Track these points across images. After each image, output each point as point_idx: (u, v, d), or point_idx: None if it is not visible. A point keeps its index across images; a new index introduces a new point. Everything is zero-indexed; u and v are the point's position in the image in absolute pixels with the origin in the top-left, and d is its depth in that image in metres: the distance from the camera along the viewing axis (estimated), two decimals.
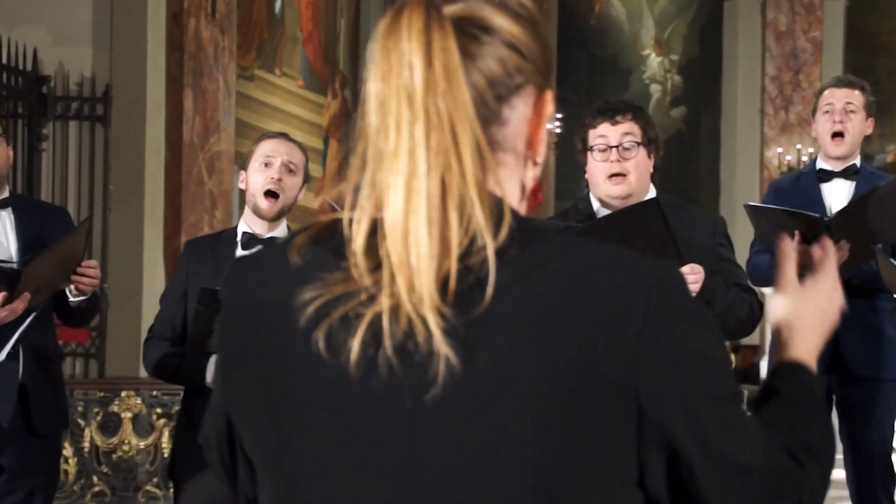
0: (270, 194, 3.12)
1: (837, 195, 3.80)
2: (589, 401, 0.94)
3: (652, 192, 2.99)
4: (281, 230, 3.24)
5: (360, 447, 0.95)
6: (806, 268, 1.13)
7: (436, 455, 0.94)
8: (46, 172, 7.13)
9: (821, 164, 3.86)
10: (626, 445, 0.96)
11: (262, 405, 0.99)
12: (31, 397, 3.32)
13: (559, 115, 9.22)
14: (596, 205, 2.99)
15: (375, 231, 0.96)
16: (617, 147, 2.91)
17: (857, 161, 3.84)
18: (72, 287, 3.30)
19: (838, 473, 3.96)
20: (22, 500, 3.34)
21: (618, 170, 2.91)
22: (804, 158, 10.53)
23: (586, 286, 0.95)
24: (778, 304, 1.14)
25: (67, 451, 5.59)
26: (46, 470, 3.41)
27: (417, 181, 0.94)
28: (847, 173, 3.82)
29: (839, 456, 3.84)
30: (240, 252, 3.18)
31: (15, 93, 6.93)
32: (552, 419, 0.93)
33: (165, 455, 5.68)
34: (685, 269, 2.80)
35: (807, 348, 1.13)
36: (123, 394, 5.76)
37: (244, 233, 3.22)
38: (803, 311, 1.14)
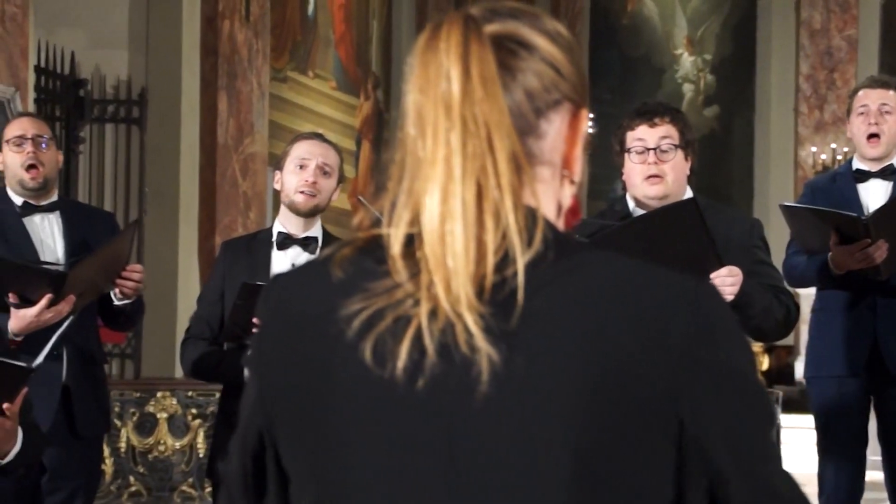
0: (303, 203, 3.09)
1: (874, 195, 3.77)
2: (627, 413, 0.95)
3: (688, 195, 3.00)
4: (316, 230, 3.26)
5: (402, 451, 0.96)
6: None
7: (475, 456, 0.95)
8: (83, 174, 7.20)
9: (857, 164, 3.84)
10: (663, 460, 0.96)
11: (305, 418, 1.00)
12: (74, 399, 3.36)
13: (591, 115, 9.23)
14: (632, 206, 3.00)
15: (413, 238, 0.98)
16: (654, 149, 2.93)
17: (895, 161, 3.82)
18: (116, 290, 3.34)
19: (876, 475, 3.94)
20: (63, 501, 3.38)
21: (655, 171, 2.93)
22: (839, 157, 10.45)
23: (626, 299, 0.97)
24: None
25: (104, 451, 5.64)
26: (88, 471, 3.44)
27: (453, 186, 0.96)
28: (884, 173, 3.79)
29: (876, 457, 3.81)
30: (275, 252, 3.21)
31: (53, 96, 7.01)
32: (590, 425, 0.94)
33: (201, 455, 5.72)
34: (723, 270, 2.80)
35: None
36: (159, 394, 5.80)
37: (279, 233, 3.24)
38: None
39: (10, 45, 5.73)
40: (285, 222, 3.25)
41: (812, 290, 3.88)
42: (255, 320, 3.04)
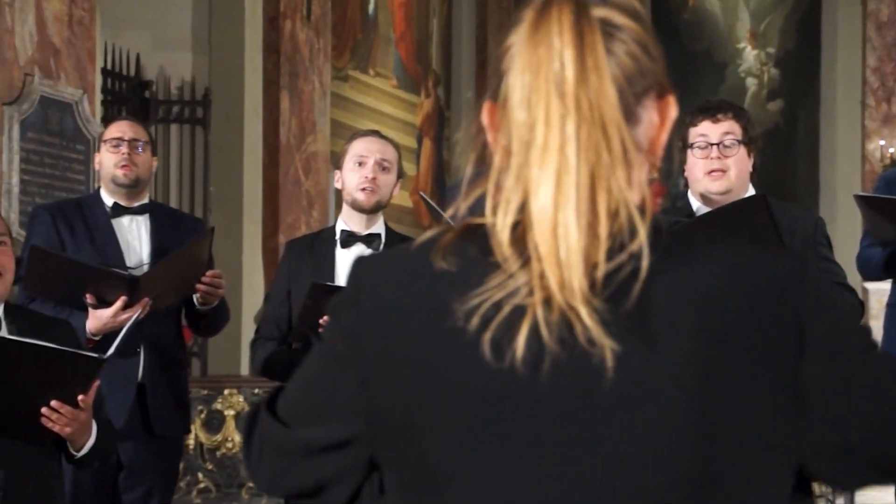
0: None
1: None
2: (749, 393, 0.95)
3: (751, 191, 3.01)
4: (378, 227, 3.28)
5: (526, 442, 0.95)
6: None
7: (601, 444, 0.95)
8: None
9: None
10: (786, 437, 0.97)
11: (410, 409, 0.98)
12: (149, 398, 3.40)
13: None
14: (696, 204, 3.00)
15: (520, 225, 0.96)
16: (717, 145, 2.95)
17: None
18: (198, 296, 3.39)
19: None
20: (140, 497, 3.43)
21: (718, 166, 2.94)
22: None
23: (737, 280, 0.97)
24: None
25: None
26: (164, 471, 3.49)
27: (568, 175, 0.95)
28: None
29: None
30: (339, 250, 3.24)
31: (119, 97, 7.11)
32: (713, 408, 0.95)
33: None
34: None
35: None
36: (226, 392, 5.87)
37: (343, 231, 3.27)
38: None
39: (77, 49, 5.83)
40: (348, 220, 3.27)
41: (884, 285, 3.82)
42: (325, 318, 3.09)
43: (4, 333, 2.70)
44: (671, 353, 0.95)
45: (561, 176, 0.95)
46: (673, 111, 1.03)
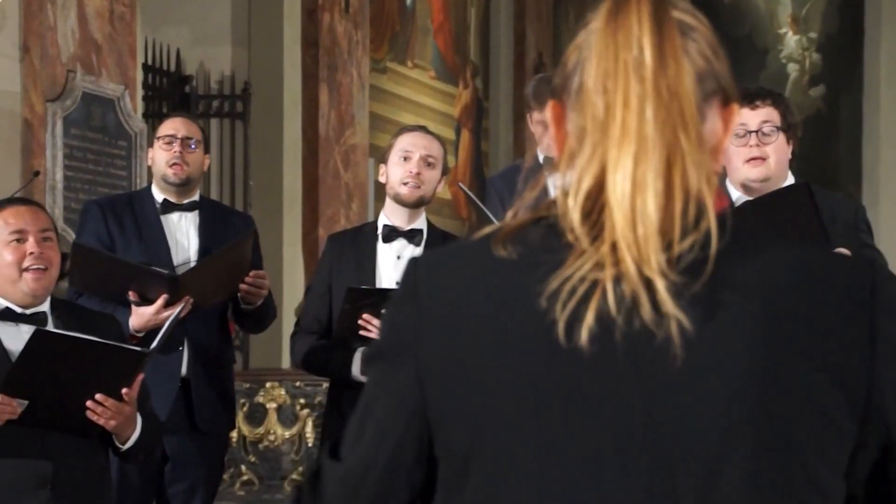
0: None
1: None
2: (812, 383, 0.96)
3: (790, 178, 2.99)
4: (421, 222, 3.28)
5: (598, 418, 0.97)
6: None
7: (671, 419, 0.96)
8: None
9: None
10: (845, 434, 0.97)
11: (473, 396, 0.99)
12: (193, 393, 3.43)
13: None
14: (735, 194, 2.98)
15: (592, 206, 0.98)
16: (756, 132, 2.92)
17: None
18: (240, 295, 3.42)
19: None
20: (185, 490, 3.46)
21: (757, 153, 2.92)
22: None
23: (807, 276, 0.98)
24: None
25: None
26: (209, 464, 3.52)
27: (646, 155, 0.96)
28: None
29: None
30: (381, 245, 3.25)
31: (160, 93, 7.16)
32: (775, 394, 0.96)
33: (310, 444, 5.81)
34: None
35: None
36: (268, 385, 5.90)
37: (385, 225, 3.27)
38: None
39: (119, 45, 5.87)
40: (390, 215, 3.28)
41: None
42: (363, 320, 3.09)
43: (51, 328, 2.74)
44: (738, 335, 0.96)
45: (639, 156, 0.96)
46: (734, 120, 1.05)
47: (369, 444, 1.04)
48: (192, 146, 3.50)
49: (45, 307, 2.79)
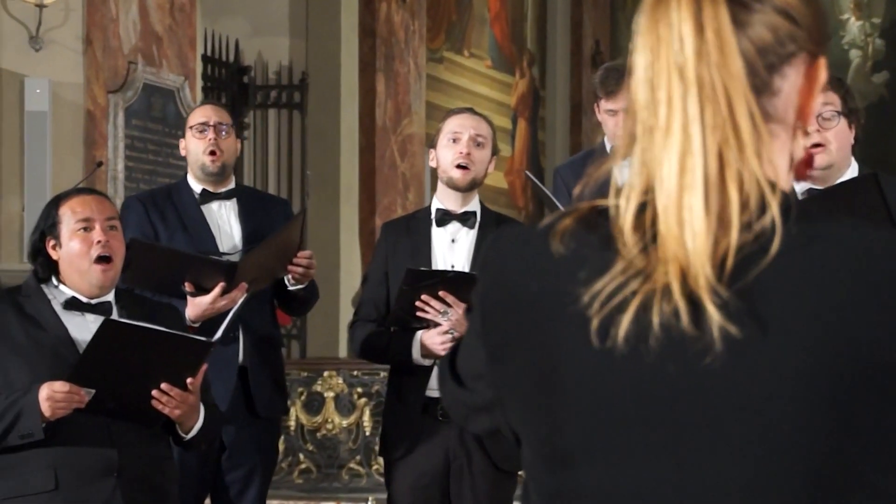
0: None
1: None
2: (868, 391, 0.92)
3: (853, 164, 2.95)
4: (474, 205, 3.28)
5: (631, 426, 0.95)
6: None
7: (705, 432, 0.93)
8: (248, 159, 7.41)
9: None
10: None
11: (533, 392, 0.99)
12: (251, 380, 3.45)
13: None
14: (799, 188, 2.94)
15: (644, 209, 0.95)
16: (817, 118, 2.86)
17: None
18: (289, 276, 3.43)
19: None
20: (243, 477, 3.49)
21: (818, 139, 2.87)
22: None
23: (867, 271, 0.93)
24: None
25: None
26: (265, 450, 3.55)
27: (692, 158, 0.92)
28: None
29: None
30: (435, 229, 3.25)
31: (219, 83, 7.22)
32: (829, 402, 0.92)
33: (367, 433, 5.83)
34: None
35: None
36: (326, 373, 5.93)
37: (438, 209, 3.27)
38: None
39: (179, 36, 5.93)
40: (443, 199, 3.28)
41: None
42: (421, 301, 3.11)
43: (115, 317, 2.77)
44: (788, 345, 0.92)
45: (685, 158, 0.92)
46: (822, 75, 0.99)
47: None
48: (224, 132, 3.50)
49: (110, 297, 2.82)
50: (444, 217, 3.26)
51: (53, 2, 5.25)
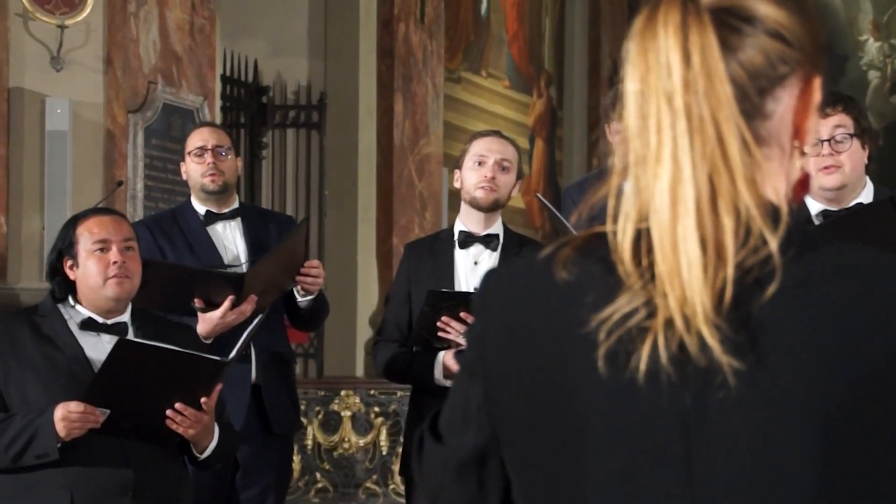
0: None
1: None
2: (879, 417, 0.91)
3: (868, 185, 2.95)
4: (497, 227, 3.29)
5: (641, 460, 0.94)
6: None
7: (715, 465, 0.92)
8: (266, 179, 7.44)
9: None
10: None
11: (537, 421, 0.98)
12: (266, 397, 3.46)
13: None
14: (814, 209, 2.93)
15: (641, 238, 0.94)
16: (829, 140, 2.86)
17: None
18: (298, 288, 3.44)
19: None
20: (257, 496, 3.50)
21: (831, 162, 2.88)
22: None
23: (872, 296, 0.91)
24: None
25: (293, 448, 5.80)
26: (279, 468, 3.56)
27: (683, 187, 0.91)
28: None
29: None
30: (458, 251, 3.26)
31: (238, 104, 7.26)
32: (839, 433, 0.91)
33: (384, 453, 5.83)
34: None
35: None
36: (343, 393, 5.94)
37: (461, 231, 3.29)
38: None
39: (198, 56, 5.97)
40: (466, 221, 3.29)
41: None
42: (442, 322, 3.11)
43: (131, 337, 2.78)
44: (795, 376, 0.91)
45: (676, 187, 0.91)
46: (816, 95, 0.97)
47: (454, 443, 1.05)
48: (224, 153, 3.52)
49: (126, 317, 2.83)
50: (467, 239, 3.27)
51: (75, 23, 5.30)
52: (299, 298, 3.46)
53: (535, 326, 0.98)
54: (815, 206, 2.95)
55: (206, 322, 3.28)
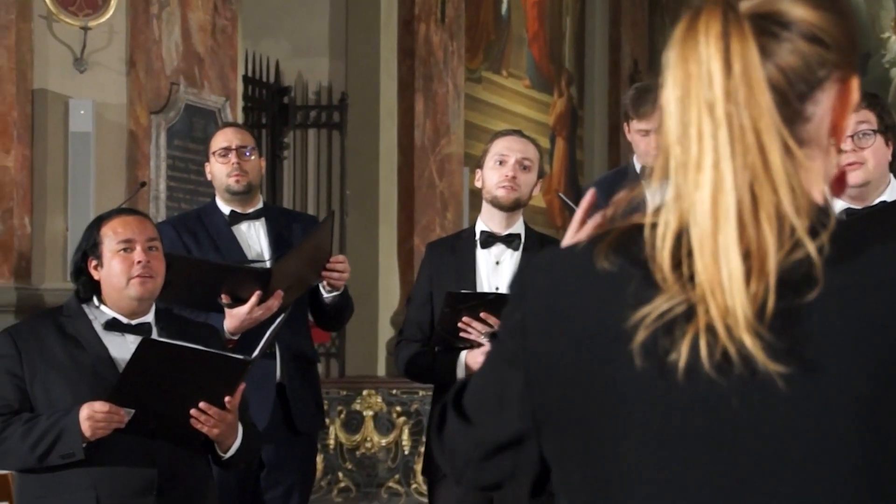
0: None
1: None
2: None
3: (893, 182, 2.93)
4: (518, 227, 3.29)
5: (682, 459, 0.94)
6: None
7: (762, 467, 0.92)
8: (288, 179, 7.46)
9: None
10: None
11: (577, 410, 0.98)
12: (290, 396, 3.47)
13: None
14: (837, 207, 2.91)
15: (680, 243, 0.94)
16: (852, 136, 2.85)
17: None
18: (324, 283, 3.45)
19: None
20: (282, 495, 3.51)
21: (854, 158, 2.86)
22: None
23: None
24: None
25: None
26: (304, 467, 3.57)
27: (724, 196, 0.91)
28: None
29: None
30: (479, 251, 3.26)
31: (259, 104, 7.28)
32: (884, 436, 0.90)
33: (406, 452, 5.84)
34: None
35: None
36: (364, 392, 5.95)
37: (482, 231, 3.29)
38: None
39: (220, 57, 5.99)
40: (488, 220, 3.29)
41: None
42: (463, 322, 3.12)
43: (155, 337, 2.79)
44: (839, 382, 0.91)
45: (717, 195, 0.92)
46: (854, 95, 0.98)
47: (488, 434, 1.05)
48: (248, 153, 3.54)
49: (150, 317, 2.85)
50: (489, 239, 3.27)
51: (98, 24, 5.33)
52: (325, 294, 3.47)
53: (577, 314, 0.98)
54: (838, 204, 2.93)
55: (234, 317, 3.29)
